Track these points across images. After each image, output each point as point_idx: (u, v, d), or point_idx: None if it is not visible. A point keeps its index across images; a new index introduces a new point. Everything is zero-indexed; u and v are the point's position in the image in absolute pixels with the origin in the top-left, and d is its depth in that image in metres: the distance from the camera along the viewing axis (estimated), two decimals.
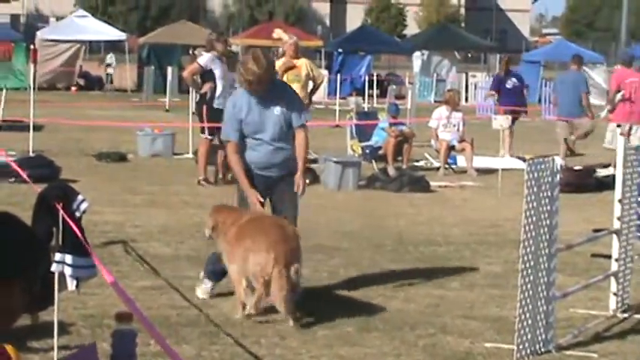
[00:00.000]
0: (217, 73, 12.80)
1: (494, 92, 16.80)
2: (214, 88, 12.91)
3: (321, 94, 21.73)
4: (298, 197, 7.05)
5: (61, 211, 5.47)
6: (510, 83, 16.75)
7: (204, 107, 13.06)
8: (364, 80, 26.35)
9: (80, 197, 5.77)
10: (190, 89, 16.65)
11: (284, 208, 7.03)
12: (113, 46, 35.98)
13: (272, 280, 6.30)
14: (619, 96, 14.09)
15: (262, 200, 6.94)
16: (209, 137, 12.96)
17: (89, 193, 7.99)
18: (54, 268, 5.48)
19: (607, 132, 15.31)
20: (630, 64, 14.78)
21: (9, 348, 2.68)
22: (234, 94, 7.56)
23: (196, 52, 21.79)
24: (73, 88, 31.35)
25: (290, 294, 6.30)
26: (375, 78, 27.89)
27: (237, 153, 7.06)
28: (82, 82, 32.29)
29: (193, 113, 16.19)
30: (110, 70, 33.51)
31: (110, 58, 33.27)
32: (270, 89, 6.81)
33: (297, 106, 7.17)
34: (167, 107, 25.25)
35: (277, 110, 7.00)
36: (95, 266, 5.62)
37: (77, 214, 5.63)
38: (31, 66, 18.14)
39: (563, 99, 14.91)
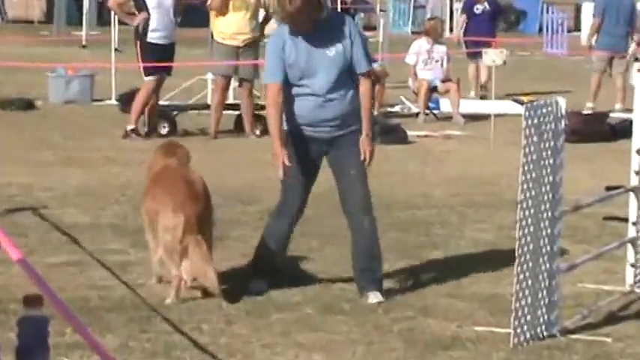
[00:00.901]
0: (151, 1, 13.88)
1: (465, 18, 18.18)
2: (148, 20, 13.90)
3: (273, 26, 23.25)
4: (365, 167, 7.04)
5: None
6: (480, 7, 17.71)
7: (139, 44, 14.00)
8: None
9: None
10: (113, 20, 18.05)
11: (348, 182, 7.03)
12: None
13: (189, 250, 6.52)
14: None
15: (289, 164, 6.93)
16: (152, 80, 13.90)
17: None
18: None
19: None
20: None
21: None
22: (277, 28, 7.52)
23: None
24: None
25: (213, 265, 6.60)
26: (339, 5, 29.66)
27: (279, 100, 7.06)
28: None
29: (116, 50, 16.57)
30: None
31: None
32: (321, 24, 6.83)
33: (360, 47, 7.07)
34: (84, 43, 26.68)
35: (332, 51, 6.95)
36: None
37: None
38: None
39: (607, 27, 16.54)
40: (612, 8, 16.77)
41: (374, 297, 6.98)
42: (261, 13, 15.19)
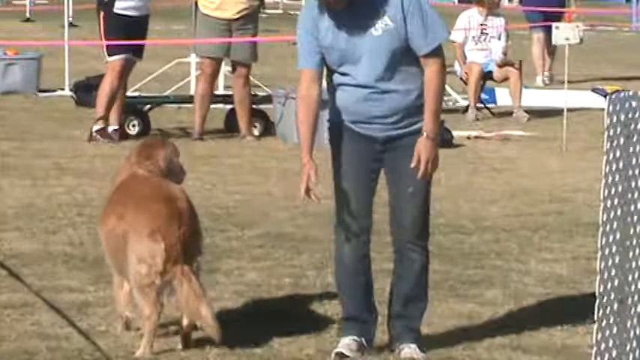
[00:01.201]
0: None
1: None
2: None
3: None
4: (427, 180, 7.07)
5: None
6: None
7: (102, 14, 14.78)
8: None
9: None
10: None
11: (400, 199, 7.11)
12: None
13: (175, 284, 6.60)
14: None
15: (314, 180, 6.94)
16: (115, 59, 14.58)
17: None
18: None
19: None
20: None
21: None
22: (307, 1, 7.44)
23: None
24: None
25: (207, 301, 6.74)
26: None
27: (312, 93, 7.12)
28: None
29: (71, 24, 16.77)
30: None
31: None
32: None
33: (419, 21, 7.05)
34: (28, 15, 28.24)
35: (378, 30, 6.95)
36: None
37: None
38: None
39: None
40: None
41: (409, 351, 6.89)
42: None
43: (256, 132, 16.37)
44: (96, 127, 14.95)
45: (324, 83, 7.35)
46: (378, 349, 7.43)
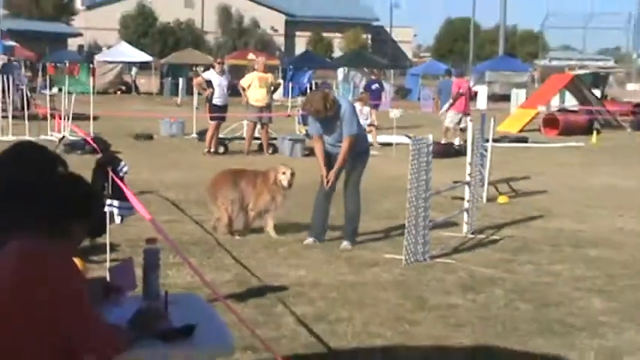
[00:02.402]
0: (215, 82, 22.74)
1: (365, 91, 30.39)
2: (213, 93, 22.68)
3: (279, 95, 38.47)
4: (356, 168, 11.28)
5: (110, 173, 8.62)
6: (375, 86, 31.50)
7: (208, 105, 22.57)
8: (307, 86, 46.03)
9: (123, 163, 9.15)
10: (194, 92, 27.47)
11: (346, 181, 11.26)
12: (144, 65, 66.49)
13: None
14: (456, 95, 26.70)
15: (327, 174, 11.27)
16: (214, 123, 21.89)
17: (129, 160, 11.09)
18: (106, 209, 8.61)
19: (447, 117, 27.76)
20: (463, 76, 28.26)
21: (78, 260, 5.96)
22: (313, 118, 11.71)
23: (197, 68, 42.29)
24: (118, 92, 57.18)
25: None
26: (313, 85, 47.40)
27: (319, 143, 11.27)
28: (123, 88, 60.02)
29: (197, 108, 27.34)
30: (137, 81, 62.76)
31: (134, 72, 57.84)
32: (333, 112, 11.07)
33: (346, 121, 11.13)
34: (179, 103, 42.84)
35: (337, 123, 11.07)
36: (133, 208, 8.82)
37: (121, 174, 8.73)
38: (91, 78, 31.16)
39: (444, 98, 27.66)
40: (446, 89, 27.84)
41: (345, 244, 11.51)
42: (272, 88, 23.16)
43: (270, 151, 23.53)
44: (205, 150, 21.80)
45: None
46: (327, 246, 11.41)
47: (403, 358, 7.72)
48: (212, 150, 23.00)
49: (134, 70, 64.19)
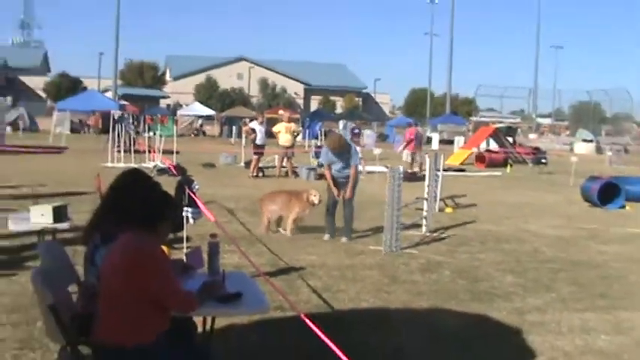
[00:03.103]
0: (257, 129, 22.31)
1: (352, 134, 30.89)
2: (256, 136, 22.25)
3: (299, 138, 36.12)
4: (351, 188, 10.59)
5: (187, 189, 8.36)
6: (356, 131, 33.08)
7: (252, 144, 22.17)
8: (318, 133, 45.34)
9: (195, 182, 8.74)
10: (244, 136, 27.05)
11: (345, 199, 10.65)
12: (209, 117, 66.98)
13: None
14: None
15: (338, 192, 10.57)
16: (256, 157, 21.67)
17: (199, 180, 10.46)
18: (183, 213, 8.38)
19: (404, 154, 28.31)
20: (416, 125, 28.78)
21: (165, 247, 5.39)
22: (326, 148, 11.08)
23: (246, 120, 40.89)
24: (193, 135, 56.83)
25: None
26: (323, 131, 47.93)
27: (329, 171, 10.75)
28: (196, 132, 59.16)
29: (244, 146, 27.16)
30: (205, 128, 61.91)
31: (200, 123, 57.61)
32: (344, 148, 10.60)
33: (353, 153, 10.57)
34: (232, 143, 41.24)
35: (346, 155, 10.55)
36: (201, 212, 8.50)
37: (194, 190, 8.39)
38: (175, 126, 31.00)
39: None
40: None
41: (344, 240, 10.63)
42: (294, 134, 22.87)
43: (295, 176, 22.49)
44: (250, 174, 21.25)
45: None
46: (332, 241, 10.95)
47: (382, 315, 7.58)
48: (254, 174, 22.38)
49: (200, 120, 64.33)
